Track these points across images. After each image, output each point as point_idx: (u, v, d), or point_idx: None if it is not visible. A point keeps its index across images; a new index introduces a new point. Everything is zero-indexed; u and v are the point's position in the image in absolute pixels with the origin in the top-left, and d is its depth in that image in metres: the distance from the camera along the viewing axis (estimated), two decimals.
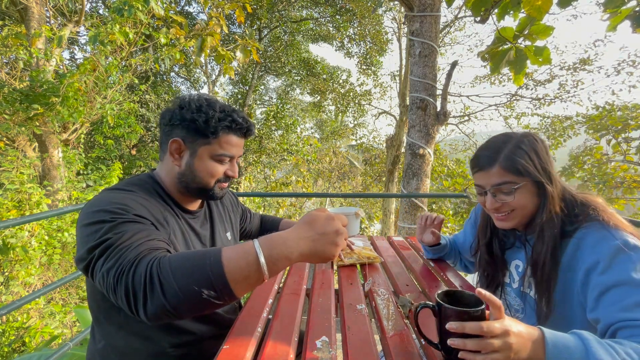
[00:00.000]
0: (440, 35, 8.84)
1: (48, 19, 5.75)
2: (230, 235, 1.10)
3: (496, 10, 2.10)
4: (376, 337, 0.84)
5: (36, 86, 4.35)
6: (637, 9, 1.80)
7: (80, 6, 5.51)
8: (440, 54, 10.86)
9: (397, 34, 10.78)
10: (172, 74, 11.24)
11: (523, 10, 1.85)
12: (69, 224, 4.38)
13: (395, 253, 1.47)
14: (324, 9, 10.28)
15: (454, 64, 3.22)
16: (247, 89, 10.87)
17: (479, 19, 2.20)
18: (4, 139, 5.14)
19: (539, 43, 2.08)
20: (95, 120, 5.35)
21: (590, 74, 8.66)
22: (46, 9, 5.48)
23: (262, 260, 0.57)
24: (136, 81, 5.65)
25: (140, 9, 3.77)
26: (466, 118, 10.46)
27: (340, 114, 12.56)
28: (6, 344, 3.18)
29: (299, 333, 0.86)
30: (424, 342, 0.74)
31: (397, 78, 10.98)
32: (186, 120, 0.84)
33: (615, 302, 0.69)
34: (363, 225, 10.16)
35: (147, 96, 8.54)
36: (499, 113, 10.18)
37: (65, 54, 9.07)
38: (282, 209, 8.89)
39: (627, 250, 0.72)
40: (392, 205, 9.07)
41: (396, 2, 8.75)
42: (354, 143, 13.71)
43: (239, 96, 11.43)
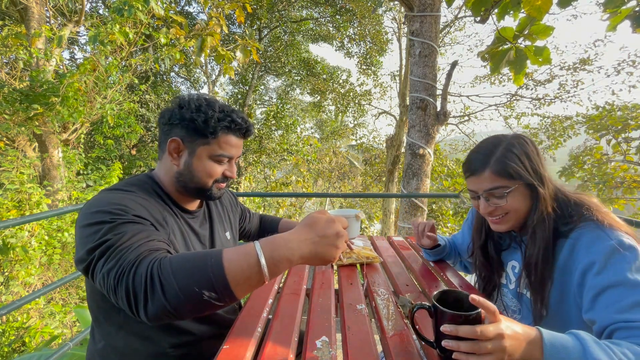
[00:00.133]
0: (440, 35, 8.84)
1: (48, 19, 5.74)
2: (229, 235, 1.10)
3: (496, 10, 2.10)
4: (376, 337, 0.84)
5: (36, 86, 4.35)
6: (637, 9, 1.80)
7: (80, 6, 5.51)
8: (440, 54, 10.85)
9: (397, 34, 10.78)
10: (172, 74, 11.24)
11: (523, 10, 1.84)
12: (69, 224, 4.38)
13: (395, 253, 1.47)
14: (324, 9, 10.27)
15: (454, 64, 3.22)
16: (247, 89, 10.87)
17: (479, 19, 2.20)
18: (4, 139, 5.14)
19: (539, 43, 2.08)
20: (95, 120, 5.35)
21: (590, 74, 8.66)
22: (46, 9, 5.48)
23: (263, 261, 0.57)
24: (136, 81, 5.65)
25: (140, 9, 3.77)
26: (466, 118, 10.46)
27: (340, 114, 12.56)
28: (6, 344, 3.18)
29: (299, 333, 0.86)
30: (423, 342, 0.74)
31: (397, 78, 10.97)
32: (185, 119, 0.84)
33: (611, 304, 0.69)
34: (363, 226, 10.16)
35: (147, 96, 8.54)
36: (499, 113, 10.18)
37: (65, 54, 9.09)
38: (282, 209, 8.89)
39: (622, 250, 0.72)
40: (392, 205, 9.06)
41: (396, 2, 8.75)
42: (354, 143, 13.71)
43: (239, 96, 11.43)
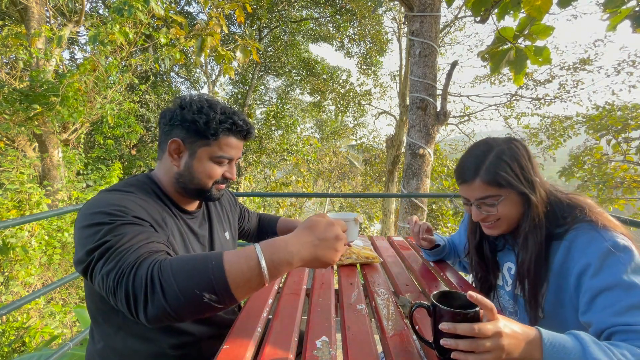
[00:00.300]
0: (440, 35, 8.84)
1: (48, 19, 5.74)
2: (228, 235, 1.10)
3: (496, 10, 2.10)
4: (376, 337, 0.84)
5: (36, 86, 4.35)
6: (637, 9, 1.80)
7: (80, 6, 5.51)
8: (440, 54, 10.85)
9: (397, 34, 10.78)
10: (172, 74, 11.24)
11: (523, 10, 1.84)
12: (69, 224, 4.38)
13: (395, 253, 1.47)
14: (324, 9, 10.27)
15: (454, 64, 3.22)
16: (247, 89, 10.86)
17: (479, 19, 2.20)
18: (4, 139, 5.14)
19: (539, 43, 2.08)
20: (95, 120, 5.35)
21: (590, 74, 8.66)
22: (46, 9, 5.48)
23: (264, 264, 0.57)
24: (136, 81, 5.65)
25: (140, 9, 3.76)
26: (466, 118, 10.46)
27: (340, 114, 12.56)
28: (6, 344, 3.18)
29: (299, 333, 0.86)
30: (422, 343, 0.74)
31: (397, 78, 10.97)
32: (187, 121, 0.84)
33: (607, 306, 0.69)
34: (363, 226, 10.16)
35: (147, 96, 8.54)
36: (499, 113, 10.18)
37: (65, 54, 9.09)
38: (282, 209, 8.90)
39: (617, 251, 0.72)
40: (392, 205, 9.06)
41: (396, 2, 8.75)
42: (354, 143, 13.71)
43: (239, 96, 11.43)
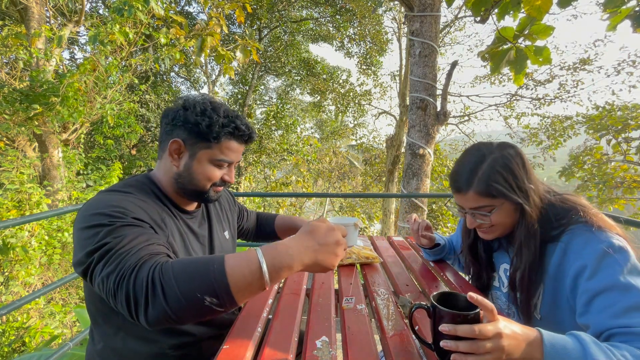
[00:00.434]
0: (440, 35, 8.83)
1: (48, 19, 5.74)
2: (228, 234, 1.10)
3: (496, 10, 2.10)
4: (376, 337, 0.84)
5: (36, 86, 4.35)
6: (637, 9, 1.80)
7: (80, 6, 5.51)
8: (440, 54, 10.85)
9: (397, 34, 10.77)
10: (172, 74, 11.25)
11: (523, 10, 1.84)
12: (69, 224, 4.38)
13: (395, 253, 1.47)
14: (324, 9, 10.27)
15: (454, 64, 3.22)
16: (247, 89, 10.86)
17: (479, 19, 2.20)
18: (4, 139, 5.14)
19: (539, 43, 2.08)
20: (95, 120, 5.35)
21: (590, 74, 8.65)
22: (46, 9, 5.48)
23: (265, 268, 0.58)
24: (136, 81, 5.65)
25: (140, 9, 3.76)
26: (466, 118, 10.46)
27: (340, 114, 12.56)
28: (6, 344, 3.18)
29: (299, 333, 0.86)
30: (422, 344, 0.74)
31: (397, 78, 10.97)
32: (189, 122, 0.83)
33: (605, 308, 0.69)
34: (363, 226, 10.16)
35: (147, 96, 8.54)
36: (499, 113, 10.17)
37: (65, 54, 9.09)
38: (282, 209, 8.89)
39: (613, 253, 0.72)
40: (392, 205, 9.06)
41: (396, 2, 8.75)
42: (354, 143, 13.70)
43: (239, 96, 11.43)
